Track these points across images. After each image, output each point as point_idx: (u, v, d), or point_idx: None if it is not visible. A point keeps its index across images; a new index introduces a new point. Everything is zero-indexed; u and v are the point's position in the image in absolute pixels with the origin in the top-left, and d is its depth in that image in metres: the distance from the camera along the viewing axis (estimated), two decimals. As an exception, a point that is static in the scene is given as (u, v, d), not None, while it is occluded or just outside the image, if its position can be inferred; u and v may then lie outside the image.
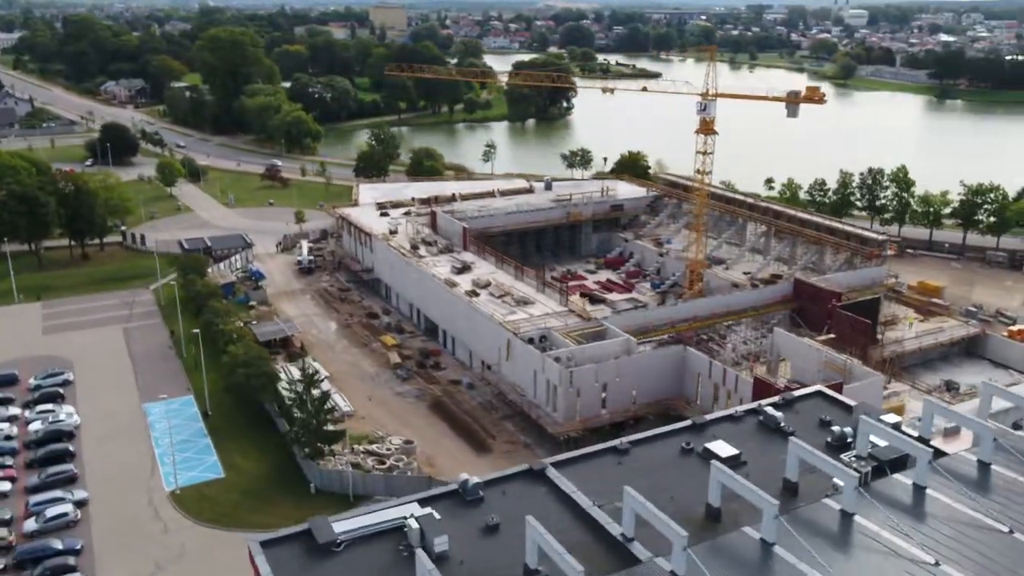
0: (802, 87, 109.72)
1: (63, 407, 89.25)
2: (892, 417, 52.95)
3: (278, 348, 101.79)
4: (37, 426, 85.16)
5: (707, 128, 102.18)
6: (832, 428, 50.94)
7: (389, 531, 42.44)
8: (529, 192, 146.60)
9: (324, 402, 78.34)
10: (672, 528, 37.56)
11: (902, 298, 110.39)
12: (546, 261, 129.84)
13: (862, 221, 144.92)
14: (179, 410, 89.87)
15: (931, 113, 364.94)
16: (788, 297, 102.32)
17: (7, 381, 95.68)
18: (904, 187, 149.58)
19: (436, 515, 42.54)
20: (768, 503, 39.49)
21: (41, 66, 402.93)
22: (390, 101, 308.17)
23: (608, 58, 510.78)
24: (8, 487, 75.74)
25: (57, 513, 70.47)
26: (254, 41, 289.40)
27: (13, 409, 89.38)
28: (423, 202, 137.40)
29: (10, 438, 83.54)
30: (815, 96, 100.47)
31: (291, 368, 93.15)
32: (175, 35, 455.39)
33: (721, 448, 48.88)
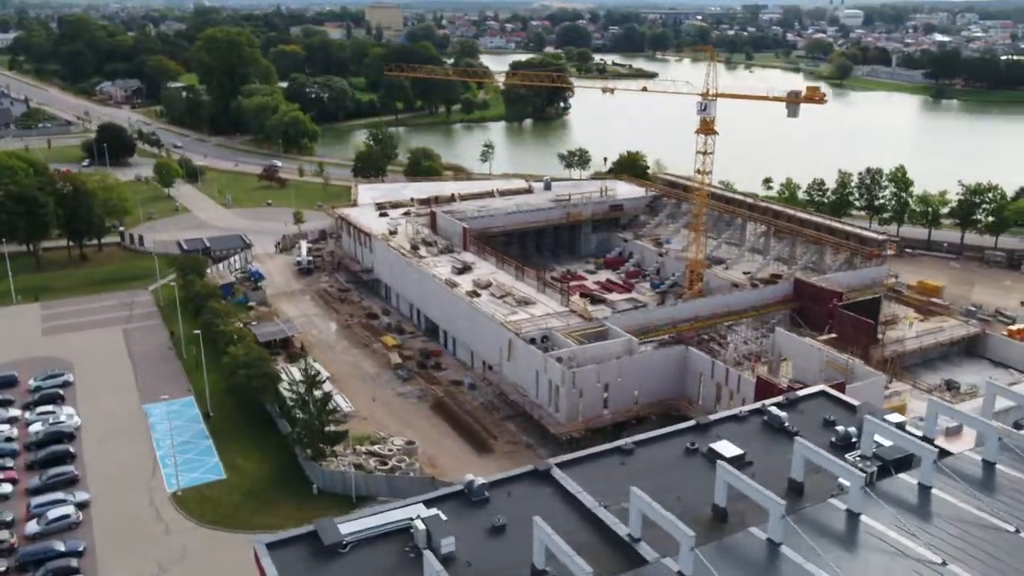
0: (798, 87, 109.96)
1: (63, 408, 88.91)
2: (896, 417, 52.95)
3: (278, 349, 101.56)
4: (37, 427, 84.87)
5: (707, 128, 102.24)
6: (836, 428, 50.83)
7: (395, 532, 42.14)
8: (528, 192, 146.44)
9: (326, 403, 78.17)
10: (680, 528, 37.36)
11: (902, 298, 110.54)
12: (545, 261, 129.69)
13: (860, 221, 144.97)
14: (180, 411, 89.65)
15: (927, 113, 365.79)
16: (789, 297, 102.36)
17: (7, 382, 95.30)
18: (903, 187, 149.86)
19: (442, 516, 42.41)
20: (775, 503, 39.36)
21: (36, 66, 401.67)
22: (387, 101, 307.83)
23: (604, 58, 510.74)
24: (9, 489, 75.48)
25: (59, 515, 70.22)
26: (251, 41, 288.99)
27: (13, 411, 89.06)
28: (422, 202, 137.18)
29: (10, 440, 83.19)
30: (816, 96, 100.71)
31: (292, 369, 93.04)
32: (171, 35, 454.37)
33: (726, 448, 48.68)
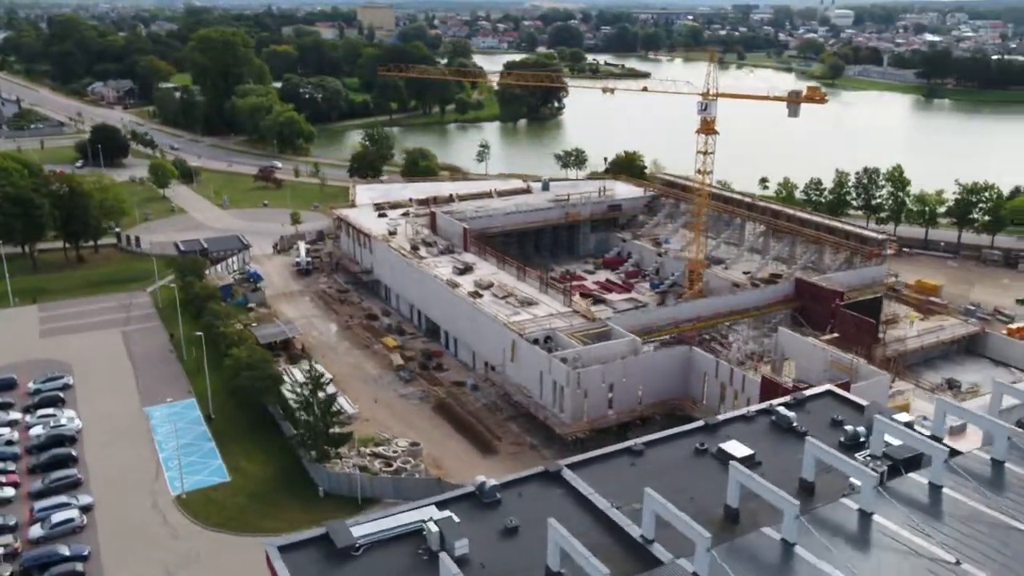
0: (790, 87, 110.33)
1: (64, 411, 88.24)
2: (904, 416, 53.16)
3: (279, 350, 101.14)
4: (38, 430, 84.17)
5: (708, 128, 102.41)
6: (845, 428, 50.88)
7: (407, 535, 42.01)
8: (527, 192, 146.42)
9: (330, 404, 77.91)
10: (695, 529, 37.34)
11: (901, 297, 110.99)
12: (544, 261, 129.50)
13: (858, 220, 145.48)
14: (181, 413, 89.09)
15: (920, 112, 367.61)
16: (790, 297, 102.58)
17: (6, 385, 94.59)
18: (900, 186, 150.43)
19: (455, 518, 42.35)
20: (789, 503, 39.38)
21: (27, 67, 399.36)
22: (381, 101, 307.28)
23: (597, 58, 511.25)
24: (11, 493, 74.80)
25: (63, 519, 69.60)
26: (245, 41, 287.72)
27: (13, 414, 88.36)
28: (421, 203, 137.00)
29: (11, 443, 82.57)
30: (816, 96, 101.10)
31: (294, 370, 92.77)
32: (162, 35, 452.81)
33: (735, 448, 48.67)
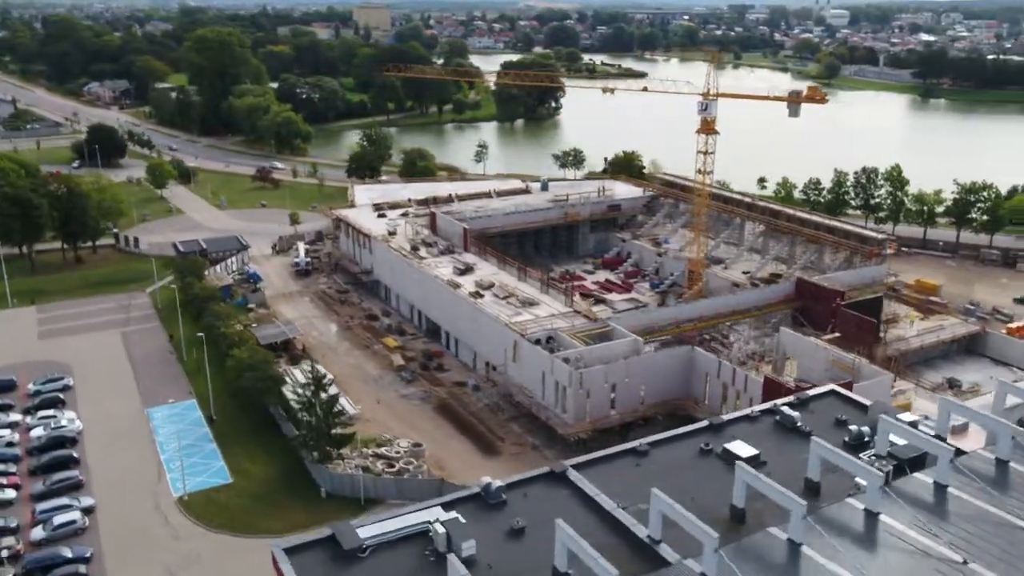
0: (787, 87, 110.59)
1: (64, 412, 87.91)
2: (909, 416, 53.26)
3: (280, 351, 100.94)
4: (39, 432, 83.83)
5: (708, 128, 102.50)
6: (849, 427, 50.97)
7: (414, 536, 42.02)
8: (526, 192, 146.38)
9: (333, 405, 77.77)
10: (703, 530, 37.34)
11: (901, 296, 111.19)
12: (543, 261, 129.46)
13: (856, 220, 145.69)
14: (182, 414, 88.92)
15: (916, 112, 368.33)
16: (791, 296, 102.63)
17: (5, 387, 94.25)
18: (898, 186, 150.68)
19: (461, 519, 42.33)
20: (796, 503, 39.42)
21: (22, 67, 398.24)
22: (378, 101, 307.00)
23: (593, 58, 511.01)
24: (13, 495, 74.44)
25: (65, 521, 69.29)
26: (242, 41, 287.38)
27: (14, 415, 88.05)
28: (420, 203, 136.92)
29: (12, 444, 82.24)
30: (817, 95, 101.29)
31: (295, 371, 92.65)
32: (157, 35, 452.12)
33: (740, 448, 48.73)
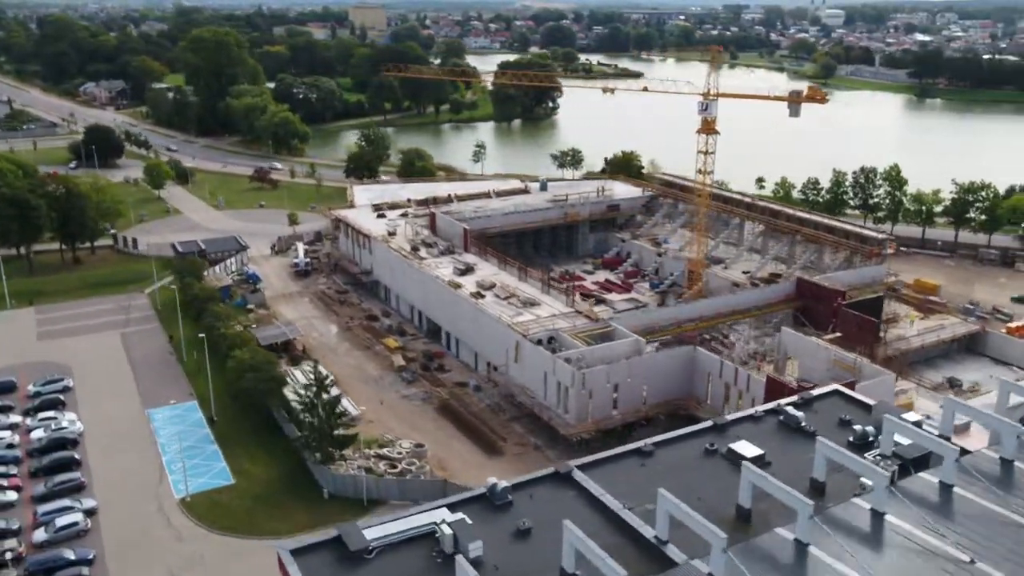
0: (784, 86, 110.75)
1: (65, 414, 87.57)
2: (912, 415, 53.32)
3: (280, 352, 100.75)
4: (40, 434, 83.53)
5: (708, 128, 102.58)
6: (853, 427, 51.02)
7: (420, 537, 41.93)
8: (525, 193, 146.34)
9: (335, 406, 77.67)
10: (711, 530, 37.30)
11: (901, 296, 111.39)
12: (543, 262, 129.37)
13: (855, 220, 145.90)
14: (183, 415, 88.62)
15: (912, 112, 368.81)
16: (791, 296, 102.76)
17: (5, 388, 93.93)
18: (897, 185, 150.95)
19: (468, 520, 42.28)
20: (803, 503, 39.35)
21: (17, 67, 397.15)
22: (375, 101, 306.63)
23: (590, 58, 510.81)
24: (14, 497, 74.09)
25: (67, 523, 69.03)
26: (239, 41, 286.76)
27: (14, 417, 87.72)
28: (420, 203, 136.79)
29: (12, 446, 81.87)
30: (817, 95, 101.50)
31: (295, 372, 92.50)
32: (153, 35, 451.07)
33: (745, 448, 48.71)
